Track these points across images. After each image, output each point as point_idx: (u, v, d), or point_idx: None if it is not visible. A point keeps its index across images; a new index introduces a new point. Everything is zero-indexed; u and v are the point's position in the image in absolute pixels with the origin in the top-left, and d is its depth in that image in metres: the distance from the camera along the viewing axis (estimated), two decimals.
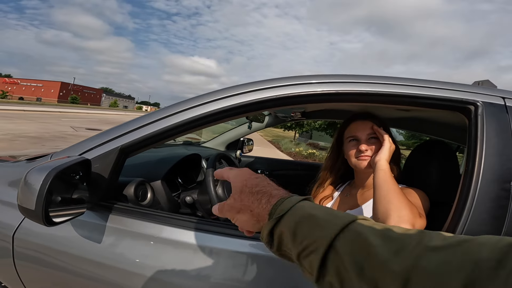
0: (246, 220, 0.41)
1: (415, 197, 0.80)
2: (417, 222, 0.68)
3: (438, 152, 0.90)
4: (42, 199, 0.54)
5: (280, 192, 0.41)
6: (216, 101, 0.75)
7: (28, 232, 0.79)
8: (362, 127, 0.91)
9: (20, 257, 0.80)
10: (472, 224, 0.62)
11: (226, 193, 1.07)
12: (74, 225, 0.76)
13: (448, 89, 0.70)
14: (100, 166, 0.75)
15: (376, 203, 0.73)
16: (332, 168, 1.04)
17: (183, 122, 0.75)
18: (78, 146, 0.81)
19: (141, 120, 0.78)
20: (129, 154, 0.79)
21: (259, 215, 0.39)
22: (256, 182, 0.42)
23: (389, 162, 0.81)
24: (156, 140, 0.77)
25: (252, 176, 0.43)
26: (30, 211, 0.55)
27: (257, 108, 0.77)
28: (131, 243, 0.73)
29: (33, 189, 0.55)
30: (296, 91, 0.73)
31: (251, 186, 0.41)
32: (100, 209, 0.76)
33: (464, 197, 0.64)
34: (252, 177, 0.43)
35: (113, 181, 0.77)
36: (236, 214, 0.41)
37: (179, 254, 0.70)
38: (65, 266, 0.76)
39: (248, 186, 0.41)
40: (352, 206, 0.93)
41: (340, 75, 0.75)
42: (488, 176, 0.63)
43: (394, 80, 0.73)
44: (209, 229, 0.72)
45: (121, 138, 0.77)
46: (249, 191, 0.41)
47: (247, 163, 2.16)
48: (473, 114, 0.67)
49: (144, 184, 0.97)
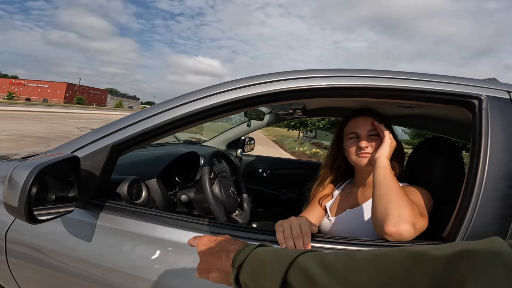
0: (217, 277, 0.48)
1: (417, 196, 0.77)
2: (418, 221, 0.65)
3: (442, 149, 0.87)
4: (25, 196, 0.53)
5: (237, 245, 0.48)
6: (211, 96, 0.73)
7: (21, 229, 0.78)
8: (362, 123, 0.88)
9: (13, 255, 0.80)
10: (477, 224, 0.59)
11: (223, 191, 1.05)
12: (65, 223, 0.75)
13: (451, 83, 0.68)
14: (91, 163, 0.74)
15: (375, 202, 0.70)
16: (332, 165, 1.02)
17: (176, 118, 0.73)
18: (70, 144, 0.80)
19: (133, 117, 0.76)
20: (121, 151, 0.78)
21: (224, 269, 0.46)
22: (215, 244, 0.50)
23: (390, 159, 0.79)
24: (148, 137, 0.75)
25: (212, 239, 0.52)
26: (13, 208, 0.54)
27: (256, 103, 0.74)
28: (121, 242, 0.71)
29: (17, 186, 0.54)
30: (297, 85, 0.71)
31: (211, 248, 0.50)
32: (91, 207, 0.75)
33: (468, 195, 0.61)
34: (211, 241, 0.52)
35: (104, 179, 0.76)
36: (208, 274, 0.49)
37: (172, 254, 0.68)
38: (56, 264, 0.75)
39: (209, 248, 0.50)
40: (352, 205, 0.90)
41: (341, 69, 0.72)
42: (494, 173, 0.60)
43: (396, 74, 0.70)
44: (204, 229, 0.70)
45: (112, 135, 0.75)
46: (210, 253, 0.49)
47: (248, 162, 2.14)
48: (477, 108, 0.64)
49: (138, 182, 0.95)
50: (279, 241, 0.62)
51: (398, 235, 0.63)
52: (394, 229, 0.63)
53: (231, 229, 0.70)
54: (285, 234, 0.63)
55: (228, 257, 0.46)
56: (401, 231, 0.62)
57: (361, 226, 0.82)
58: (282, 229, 0.64)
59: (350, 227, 0.85)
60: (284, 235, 0.63)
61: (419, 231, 0.65)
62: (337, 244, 0.63)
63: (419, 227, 0.65)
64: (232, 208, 1.11)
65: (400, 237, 0.63)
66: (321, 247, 0.63)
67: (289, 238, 0.62)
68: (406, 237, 0.63)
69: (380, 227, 0.66)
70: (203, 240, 0.53)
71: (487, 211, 0.59)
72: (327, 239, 0.65)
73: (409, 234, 0.63)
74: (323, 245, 0.63)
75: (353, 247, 0.63)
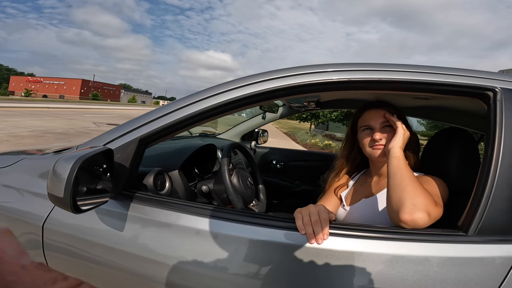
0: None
1: (432, 185, 0.79)
2: (433, 210, 0.67)
3: (457, 139, 0.88)
4: (70, 187, 0.58)
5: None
6: (230, 91, 0.77)
7: (56, 222, 0.83)
8: (375, 116, 0.90)
9: (50, 248, 0.84)
10: (491, 213, 0.61)
11: (241, 182, 1.09)
12: (98, 214, 0.80)
13: (466, 76, 0.69)
14: (121, 156, 0.78)
15: (390, 191, 0.72)
16: (348, 157, 1.04)
17: (197, 112, 0.77)
18: (100, 138, 0.85)
19: (158, 111, 0.81)
20: (148, 144, 0.82)
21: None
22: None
23: (403, 149, 0.80)
24: (173, 130, 0.80)
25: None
26: (59, 198, 0.59)
27: (271, 97, 0.78)
28: (150, 231, 0.76)
29: (61, 178, 0.59)
30: (312, 79, 0.73)
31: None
32: (122, 198, 0.79)
33: (482, 185, 0.63)
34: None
35: (133, 171, 0.81)
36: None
37: (196, 241, 0.72)
38: (91, 255, 0.80)
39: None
40: (367, 195, 0.93)
41: (357, 63, 0.74)
42: (508, 163, 0.62)
43: (411, 68, 0.72)
44: (225, 217, 0.73)
45: (140, 129, 0.80)
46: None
47: (262, 154, 2.18)
48: (492, 100, 0.66)
49: (162, 174, 1.00)
50: (299, 228, 0.66)
51: (413, 223, 0.65)
52: (409, 217, 0.65)
53: (251, 216, 0.74)
54: (304, 220, 0.66)
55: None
56: (415, 219, 0.65)
57: (376, 215, 0.85)
58: (301, 216, 0.68)
59: (365, 216, 0.88)
60: (304, 221, 0.66)
61: (434, 219, 0.67)
62: (354, 231, 0.66)
63: (434, 215, 0.67)
64: (250, 199, 1.16)
65: (415, 224, 0.65)
66: (338, 234, 0.66)
67: (308, 225, 0.66)
68: (421, 224, 0.65)
69: (395, 216, 0.68)
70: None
71: (501, 200, 0.61)
72: (344, 226, 0.68)
73: (424, 222, 0.65)
74: (340, 232, 0.66)
75: (368, 233, 0.65)
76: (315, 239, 0.64)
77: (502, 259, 0.59)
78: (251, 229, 0.71)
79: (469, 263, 0.60)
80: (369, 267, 0.62)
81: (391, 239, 0.64)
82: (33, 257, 0.85)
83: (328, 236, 0.65)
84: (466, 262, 0.60)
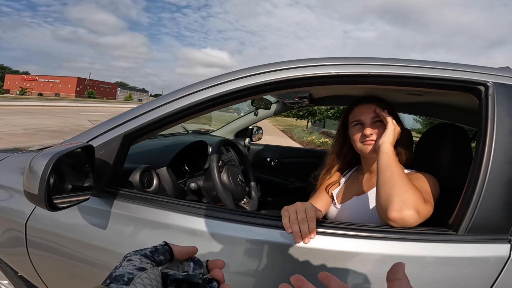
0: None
1: (423, 182, 0.77)
2: (422, 208, 0.65)
3: (450, 135, 0.87)
4: (45, 183, 0.56)
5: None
6: (218, 86, 0.75)
7: (39, 219, 0.82)
8: (366, 111, 0.88)
9: (33, 245, 0.83)
10: (482, 210, 0.60)
11: (231, 179, 1.07)
12: (81, 212, 0.78)
13: (458, 70, 0.68)
14: (105, 152, 0.76)
15: (379, 188, 0.70)
16: (339, 153, 1.02)
17: (186, 106, 0.75)
18: (85, 134, 0.83)
19: (144, 107, 0.78)
20: (133, 140, 0.80)
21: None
22: None
23: (394, 145, 0.79)
24: (158, 126, 0.78)
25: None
26: (33, 195, 0.57)
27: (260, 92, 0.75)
28: (135, 229, 0.74)
29: (36, 174, 0.57)
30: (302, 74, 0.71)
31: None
32: (105, 196, 0.78)
33: (474, 181, 0.61)
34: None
35: (118, 168, 0.78)
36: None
37: (183, 240, 0.71)
38: (74, 253, 0.79)
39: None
40: (359, 192, 0.91)
41: (348, 57, 0.72)
42: (500, 158, 0.60)
43: (402, 62, 0.70)
44: (213, 215, 0.72)
45: (124, 125, 0.78)
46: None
47: (256, 151, 2.16)
48: (483, 94, 0.65)
49: (149, 171, 0.98)
50: (285, 226, 0.64)
51: (401, 221, 0.63)
52: (398, 214, 0.63)
53: (239, 215, 0.72)
54: (291, 218, 0.64)
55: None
56: (404, 217, 0.63)
57: (367, 213, 0.83)
58: (287, 214, 0.66)
59: (356, 215, 0.86)
60: (290, 219, 0.64)
61: (424, 217, 0.66)
62: (342, 230, 0.65)
63: (423, 213, 0.65)
64: (240, 196, 1.14)
65: (403, 223, 0.64)
66: (326, 233, 0.64)
67: (294, 223, 0.64)
68: (410, 223, 0.64)
69: (383, 213, 0.67)
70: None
71: (493, 197, 0.59)
72: (332, 225, 0.67)
73: (413, 220, 0.63)
74: (329, 231, 0.65)
75: (358, 232, 0.64)
76: (302, 238, 0.62)
77: (494, 258, 0.58)
78: (240, 227, 0.69)
79: (460, 263, 0.58)
80: (359, 266, 0.61)
81: (381, 238, 0.62)
82: (16, 254, 0.84)
83: (315, 234, 0.63)
84: (456, 262, 0.59)
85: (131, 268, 0.31)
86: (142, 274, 0.31)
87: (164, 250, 0.36)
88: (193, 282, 0.34)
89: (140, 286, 0.29)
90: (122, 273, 0.30)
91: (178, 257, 0.38)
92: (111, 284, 0.29)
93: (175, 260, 0.38)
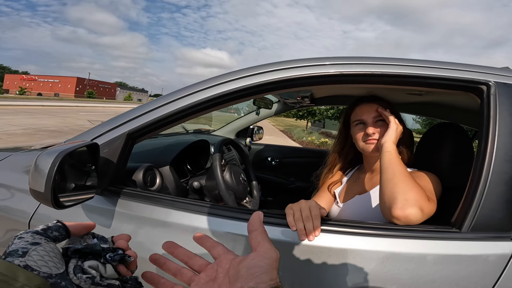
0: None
1: (426, 180, 0.78)
2: (426, 206, 0.66)
3: (451, 134, 0.87)
4: (51, 181, 0.56)
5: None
6: (220, 85, 0.75)
7: (43, 218, 0.81)
8: (368, 110, 0.89)
9: None
10: (485, 208, 0.60)
11: (233, 178, 1.08)
12: (85, 210, 0.78)
13: (460, 70, 0.68)
14: (109, 151, 0.76)
15: (382, 186, 0.71)
16: (341, 153, 1.03)
17: (188, 106, 0.75)
18: (89, 132, 0.83)
19: (148, 106, 0.79)
20: (137, 139, 0.80)
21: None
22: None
23: (397, 144, 0.79)
24: (162, 124, 0.78)
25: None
26: (39, 193, 0.57)
27: (262, 91, 0.76)
28: (139, 227, 0.74)
29: (42, 172, 0.57)
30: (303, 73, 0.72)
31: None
32: (109, 194, 0.78)
33: (476, 180, 0.62)
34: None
35: (121, 166, 0.79)
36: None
37: (186, 237, 0.71)
38: None
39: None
40: (361, 191, 0.91)
41: (350, 57, 0.73)
42: (502, 157, 0.60)
43: (404, 62, 0.71)
44: (216, 213, 0.72)
45: (128, 123, 0.78)
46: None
47: (257, 151, 2.16)
48: (485, 94, 0.65)
49: (152, 170, 0.98)
50: (289, 224, 0.65)
51: (405, 219, 0.64)
52: (401, 212, 0.64)
53: (242, 212, 0.73)
54: (295, 216, 0.65)
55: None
56: (408, 215, 0.64)
57: (369, 212, 0.84)
58: (292, 212, 0.66)
59: (358, 213, 0.86)
60: (295, 217, 0.65)
61: (427, 215, 0.66)
62: (346, 228, 0.65)
63: (426, 211, 0.66)
64: (242, 195, 1.14)
65: (407, 220, 0.64)
66: (331, 230, 0.65)
67: (299, 221, 0.64)
68: (413, 220, 0.64)
69: (387, 211, 0.67)
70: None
71: (495, 196, 0.60)
72: (336, 223, 0.67)
73: (417, 217, 0.64)
74: (333, 228, 0.65)
75: (361, 230, 0.64)
76: (306, 236, 0.62)
77: (497, 256, 0.58)
78: (243, 225, 0.69)
79: (463, 260, 0.59)
80: (362, 264, 0.61)
81: (384, 236, 0.63)
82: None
83: (320, 232, 0.63)
84: (459, 260, 0.59)
85: (24, 244, 0.30)
86: (37, 247, 0.30)
87: (57, 227, 0.35)
88: (95, 250, 0.34)
89: (36, 257, 0.29)
90: (15, 249, 0.30)
91: (75, 232, 0.38)
92: (7, 258, 0.29)
93: (75, 236, 0.38)
